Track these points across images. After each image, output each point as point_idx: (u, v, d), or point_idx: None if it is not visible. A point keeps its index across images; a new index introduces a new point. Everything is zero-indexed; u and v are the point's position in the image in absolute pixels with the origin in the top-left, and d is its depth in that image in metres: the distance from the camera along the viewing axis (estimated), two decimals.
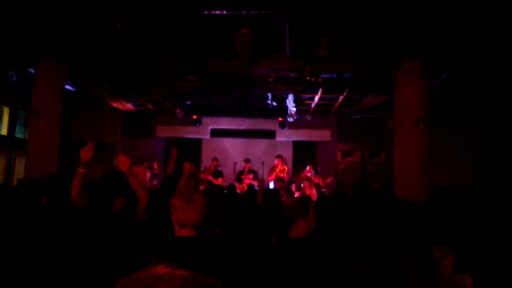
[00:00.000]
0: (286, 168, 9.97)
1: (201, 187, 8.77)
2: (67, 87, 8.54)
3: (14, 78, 8.24)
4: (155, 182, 9.43)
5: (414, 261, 1.39)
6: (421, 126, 6.45)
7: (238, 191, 8.44)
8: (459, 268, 1.01)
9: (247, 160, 10.32)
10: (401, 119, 6.85)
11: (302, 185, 9.40)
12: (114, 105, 11.24)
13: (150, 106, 11.57)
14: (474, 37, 6.18)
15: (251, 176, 9.95)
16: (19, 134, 10.92)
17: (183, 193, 2.10)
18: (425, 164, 6.50)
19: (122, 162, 3.05)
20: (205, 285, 0.46)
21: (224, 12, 6.38)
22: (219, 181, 9.76)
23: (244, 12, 6.35)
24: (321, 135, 12.50)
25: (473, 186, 9.80)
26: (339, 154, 12.16)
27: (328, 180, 9.34)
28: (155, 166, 10.21)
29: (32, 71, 7.55)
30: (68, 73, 7.75)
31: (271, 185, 9.39)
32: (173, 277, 0.44)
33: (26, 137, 8.43)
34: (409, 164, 6.56)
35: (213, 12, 6.36)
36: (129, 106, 11.54)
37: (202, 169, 11.07)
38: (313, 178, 9.27)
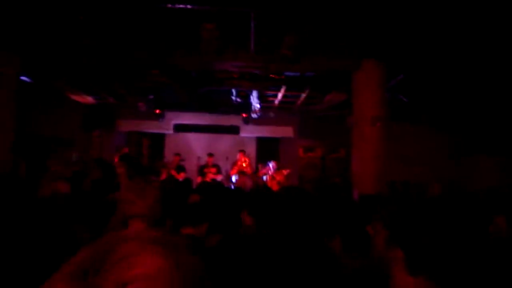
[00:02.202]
0: (248, 161, 10.10)
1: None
2: (24, 78, 8.24)
3: None
4: None
5: (349, 242, 1.52)
6: (378, 124, 6.71)
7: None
8: (390, 242, 1.15)
9: (210, 154, 10.38)
10: (359, 118, 7.08)
11: (265, 178, 9.58)
12: (74, 97, 10.94)
13: (111, 100, 11.34)
14: (429, 38, 6.48)
15: (214, 170, 10.01)
16: None
17: (133, 186, 2.12)
18: (380, 162, 6.73)
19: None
20: (170, 241, 0.52)
21: (188, 6, 6.38)
22: (181, 175, 9.76)
23: (208, 7, 6.38)
24: (284, 131, 12.71)
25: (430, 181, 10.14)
26: (300, 150, 12.43)
27: (285, 172, 9.56)
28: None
29: None
30: (23, 65, 7.46)
31: (234, 178, 9.51)
32: (138, 235, 0.51)
33: None
34: (365, 161, 6.79)
35: (177, 6, 6.35)
36: (89, 99, 11.26)
37: (164, 163, 11.01)
38: (274, 175, 9.46)
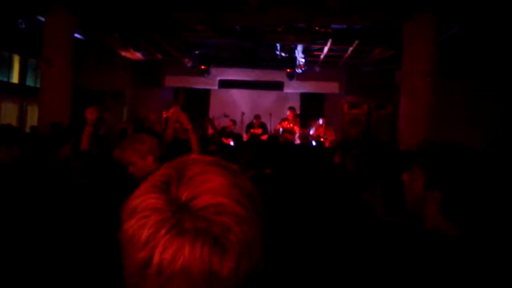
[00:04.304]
0: (297, 120, 10.12)
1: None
2: (76, 35, 8.55)
3: (23, 26, 8.23)
4: None
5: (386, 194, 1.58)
6: (428, 79, 6.46)
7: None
8: (429, 186, 1.17)
9: (257, 117, 10.36)
10: (408, 73, 6.85)
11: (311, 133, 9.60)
12: (123, 54, 11.24)
13: (159, 56, 11.56)
14: None
15: (260, 130, 10.10)
16: (30, 82, 11.05)
17: None
18: (430, 118, 6.53)
19: (90, 112, 3.13)
20: (226, 165, 0.61)
21: None
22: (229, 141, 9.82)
23: None
24: (329, 87, 12.48)
25: (484, 144, 9.33)
26: (345, 105, 12.22)
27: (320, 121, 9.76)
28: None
29: (42, 19, 7.54)
30: (78, 22, 7.74)
31: (281, 131, 9.61)
32: (202, 159, 0.61)
33: (38, 85, 8.56)
34: (414, 117, 6.61)
35: None
36: (138, 55, 11.53)
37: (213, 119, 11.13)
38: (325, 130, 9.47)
